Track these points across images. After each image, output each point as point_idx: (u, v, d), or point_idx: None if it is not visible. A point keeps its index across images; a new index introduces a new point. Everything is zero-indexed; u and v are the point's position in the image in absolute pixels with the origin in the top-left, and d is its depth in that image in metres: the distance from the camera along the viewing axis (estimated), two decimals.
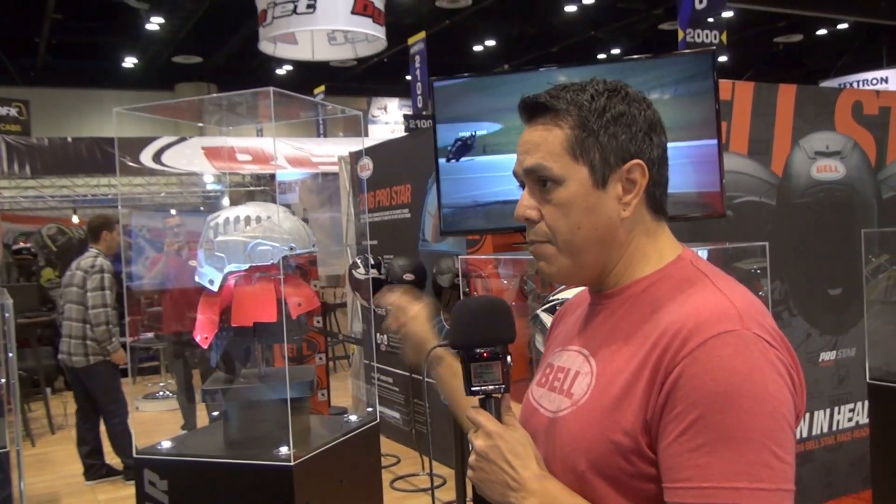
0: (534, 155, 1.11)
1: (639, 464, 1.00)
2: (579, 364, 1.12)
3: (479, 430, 1.08)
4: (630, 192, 1.09)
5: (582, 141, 1.08)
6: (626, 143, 1.08)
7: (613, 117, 1.08)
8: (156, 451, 2.84)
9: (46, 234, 9.49)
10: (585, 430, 1.05)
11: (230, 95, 3.02)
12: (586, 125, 1.08)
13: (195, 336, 2.58)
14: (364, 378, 6.72)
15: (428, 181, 5.48)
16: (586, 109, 1.08)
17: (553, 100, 1.10)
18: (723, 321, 0.97)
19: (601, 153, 1.08)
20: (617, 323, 1.09)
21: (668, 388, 0.96)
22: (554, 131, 1.10)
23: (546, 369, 1.21)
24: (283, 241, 2.57)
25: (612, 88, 1.11)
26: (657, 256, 1.11)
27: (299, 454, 2.62)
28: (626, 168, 1.08)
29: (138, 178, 9.43)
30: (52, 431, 7.05)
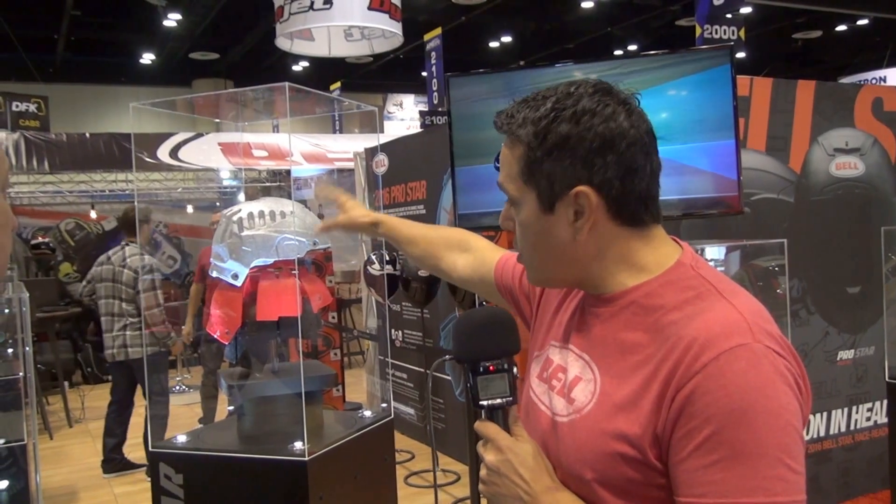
0: (501, 172, 1.11)
1: (647, 473, 0.99)
2: (580, 369, 1.10)
3: (489, 443, 1.08)
4: (581, 216, 1.05)
5: (529, 166, 1.06)
6: (569, 169, 1.04)
7: (555, 143, 1.04)
8: (171, 446, 2.86)
9: (64, 229, 9.58)
10: (590, 441, 1.04)
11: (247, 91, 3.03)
12: (532, 150, 1.05)
13: (213, 331, 2.58)
14: (379, 374, 6.72)
15: (443, 177, 5.48)
16: (531, 133, 1.05)
17: (509, 120, 1.09)
18: (734, 335, 0.96)
19: (547, 180, 1.05)
20: (618, 331, 1.07)
21: (681, 402, 0.95)
22: (512, 153, 1.09)
23: (545, 363, 1.19)
24: (307, 236, 2.58)
25: (562, 106, 1.04)
26: (655, 263, 1.08)
27: (314, 449, 2.62)
28: (573, 194, 1.04)
29: (155, 174, 9.47)
30: (70, 425, 7.11)
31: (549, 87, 1.09)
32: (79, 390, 8.04)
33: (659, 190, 1.09)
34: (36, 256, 9.26)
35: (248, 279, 2.61)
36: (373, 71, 15.84)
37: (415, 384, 6.17)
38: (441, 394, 5.82)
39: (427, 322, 5.70)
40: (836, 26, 14.69)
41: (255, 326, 2.57)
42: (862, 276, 4.32)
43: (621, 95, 1.07)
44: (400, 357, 6.25)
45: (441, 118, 9.98)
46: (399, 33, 7.90)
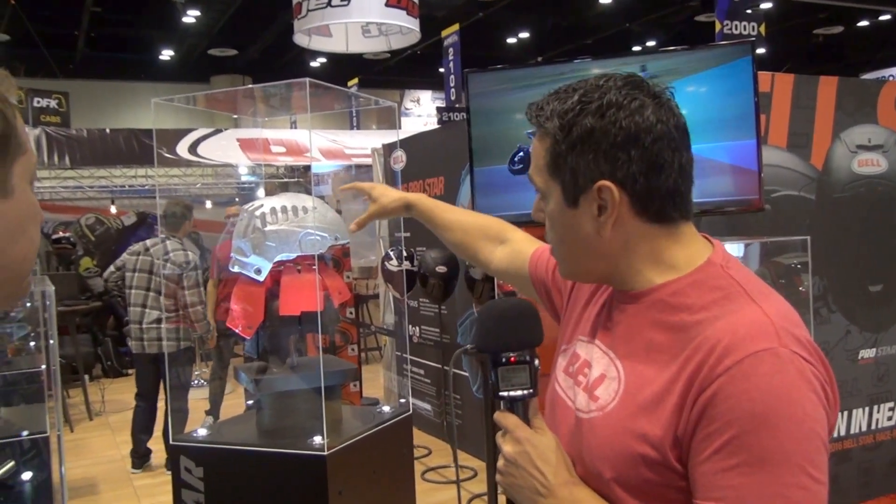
0: (531, 164, 1.11)
1: (667, 475, 0.98)
2: (605, 366, 1.10)
3: (508, 434, 1.08)
4: (604, 212, 1.04)
5: (555, 159, 1.06)
6: (592, 163, 1.03)
7: (580, 136, 1.03)
8: (192, 439, 2.88)
9: (85, 224, 9.67)
10: (611, 440, 1.03)
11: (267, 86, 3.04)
12: (557, 143, 1.05)
13: (234, 326, 2.59)
14: (396, 369, 6.74)
15: (461, 173, 5.48)
16: (557, 126, 1.05)
17: (538, 113, 1.08)
18: (760, 338, 0.94)
19: (571, 174, 1.05)
20: (645, 329, 1.06)
21: (703, 405, 0.94)
22: (541, 144, 1.09)
23: (572, 357, 1.19)
24: (329, 231, 2.59)
25: (588, 99, 1.04)
26: (684, 261, 1.06)
27: (333, 444, 2.63)
28: (596, 189, 1.03)
29: (174, 169, 9.54)
30: (90, 418, 7.17)
31: (581, 79, 1.08)
32: (99, 384, 8.11)
33: (691, 186, 1.07)
34: (57, 251, 9.35)
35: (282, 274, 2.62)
36: (390, 67, 15.86)
37: (432, 380, 6.18)
38: (458, 390, 5.83)
39: (444, 318, 5.71)
40: (858, 21, 14.55)
41: (277, 321, 2.59)
42: (884, 274, 4.28)
43: (652, 89, 1.06)
44: (417, 353, 6.26)
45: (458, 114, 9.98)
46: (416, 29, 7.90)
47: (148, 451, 5.63)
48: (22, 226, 0.78)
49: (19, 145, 0.77)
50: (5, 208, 0.76)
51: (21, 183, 0.78)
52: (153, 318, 5.32)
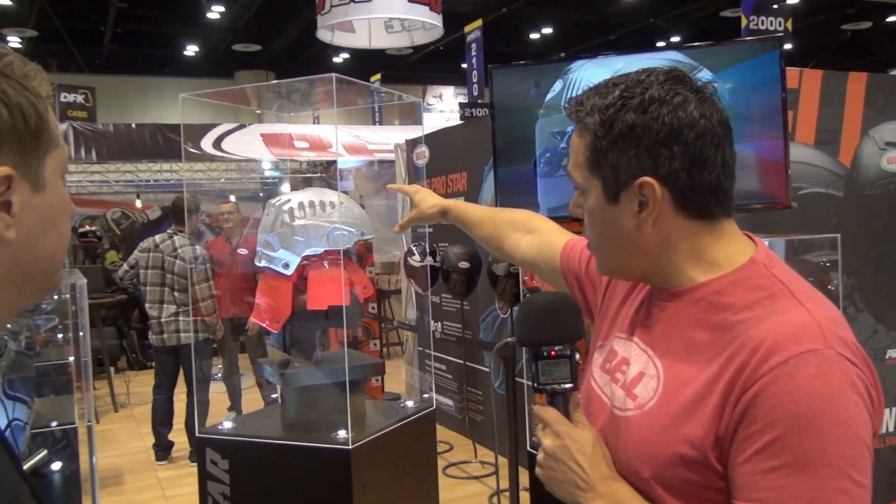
0: (570, 159, 1.11)
1: (707, 475, 0.97)
2: (643, 363, 1.09)
3: (548, 428, 1.08)
4: (645, 208, 1.03)
5: (595, 155, 1.05)
6: (634, 159, 1.02)
7: (621, 132, 1.02)
8: (217, 432, 2.90)
9: (111, 218, 9.76)
10: (651, 439, 1.03)
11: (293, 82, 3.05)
12: (598, 139, 1.04)
13: (261, 320, 2.60)
14: (417, 365, 6.75)
15: (484, 169, 5.47)
16: (598, 121, 1.04)
17: (578, 108, 1.08)
18: (805, 339, 0.93)
19: (611, 170, 1.04)
20: (685, 328, 1.05)
21: (745, 404, 0.93)
22: (581, 139, 1.08)
23: (609, 353, 1.18)
24: (356, 226, 2.60)
25: (629, 94, 1.03)
26: (726, 259, 1.05)
27: (357, 438, 2.65)
28: (637, 185, 1.02)
29: (199, 164, 9.61)
30: (116, 409, 7.26)
31: (621, 74, 1.07)
32: (124, 376, 8.21)
33: (733, 182, 1.06)
34: (83, 244, 9.46)
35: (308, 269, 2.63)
36: (412, 63, 15.85)
37: (454, 375, 6.18)
38: (479, 386, 5.83)
39: (467, 314, 5.71)
40: (887, 17, 14.34)
41: (303, 316, 2.60)
42: None
43: (695, 84, 1.05)
44: (439, 349, 6.26)
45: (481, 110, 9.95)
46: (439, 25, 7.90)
47: (170, 443, 5.68)
48: (54, 219, 0.79)
49: (51, 139, 0.78)
50: (38, 201, 0.77)
51: (53, 177, 0.79)
52: (171, 311, 5.42)
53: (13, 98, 0.73)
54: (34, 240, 0.77)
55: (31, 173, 0.76)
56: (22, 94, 0.74)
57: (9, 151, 0.73)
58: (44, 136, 0.77)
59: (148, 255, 5.48)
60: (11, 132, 0.73)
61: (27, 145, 0.75)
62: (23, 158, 0.74)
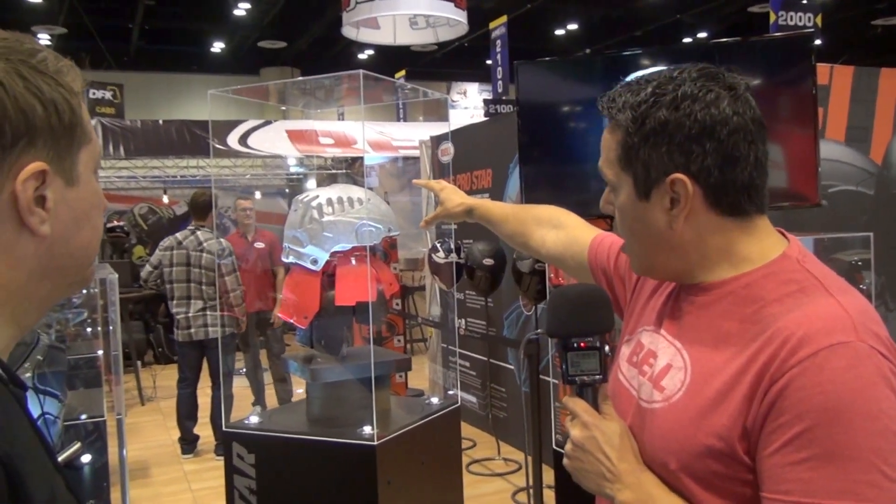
0: (602, 155, 1.10)
1: (734, 467, 0.97)
2: (671, 356, 1.09)
3: (576, 419, 1.08)
4: (677, 205, 1.03)
5: (627, 152, 1.05)
6: (665, 155, 1.02)
7: (653, 129, 1.02)
8: (244, 426, 2.92)
9: (138, 214, 9.86)
10: (677, 431, 1.02)
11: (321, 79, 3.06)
12: (630, 136, 1.04)
13: (288, 316, 2.62)
14: (441, 361, 6.76)
15: (509, 165, 5.46)
16: (630, 118, 1.03)
17: (610, 104, 1.07)
18: (836, 331, 0.92)
19: (643, 166, 1.04)
20: (714, 319, 1.05)
21: (773, 396, 0.93)
22: (613, 136, 1.08)
23: (636, 346, 1.18)
24: (384, 222, 2.61)
25: (662, 91, 1.02)
26: (758, 254, 1.05)
27: (382, 434, 2.66)
28: (669, 182, 1.02)
29: (225, 160, 9.69)
30: (142, 403, 7.34)
31: (654, 71, 1.08)
32: (150, 369, 8.29)
33: (766, 179, 1.05)
34: (111, 239, 9.56)
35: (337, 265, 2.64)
36: (437, 59, 15.86)
37: (477, 372, 6.18)
38: (503, 382, 5.82)
39: (491, 311, 5.71)
40: None
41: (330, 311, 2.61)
42: None
43: (728, 80, 1.04)
44: (463, 345, 6.27)
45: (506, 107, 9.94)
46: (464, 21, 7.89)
47: (195, 437, 5.73)
48: (87, 213, 0.80)
49: (84, 134, 0.79)
50: (71, 196, 0.78)
51: (86, 171, 0.80)
52: (198, 307, 5.45)
53: (47, 94, 0.74)
54: (68, 234, 0.78)
55: (64, 168, 0.76)
56: (56, 90, 0.75)
57: (43, 146, 0.74)
58: (77, 130, 0.78)
59: (171, 253, 5.50)
60: (46, 127, 0.74)
61: (61, 141, 0.76)
62: (57, 153, 0.75)
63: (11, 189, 0.72)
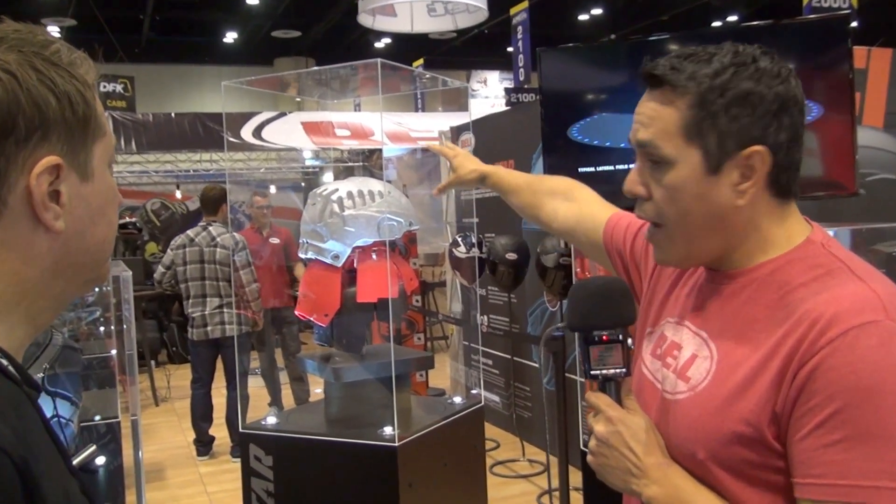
0: (647, 129, 1.07)
1: (765, 455, 0.97)
2: (696, 346, 1.09)
3: (600, 414, 1.08)
4: (748, 179, 1.03)
5: (698, 123, 1.03)
6: (747, 126, 1.02)
7: (736, 97, 1.01)
8: (261, 427, 2.94)
9: (150, 209, 9.95)
10: (704, 419, 1.03)
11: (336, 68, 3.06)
12: (705, 105, 1.02)
13: (308, 314, 2.62)
14: (463, 360, 6.76)
15: (532, 156, 5.44)
16: (707, 87, 1.02)
17: (672, 73, 1.05)
18: (865, 311, 0.93)
19: (718, 138, 1.03)
20: (740, 307, 1.06)
21: (803, 378, 0.93)
22: (669, 108, 1.05)
23: (659, 339, 1.19)
24: (405, 216, 2.61)
25: (741, 62, 1.02)
26: (785, 239, 1.06)
27: (403, 435, 2.66)
28: (745, 155, 1.02)
29: (239, 154, 9.73)
30: (156, 403, 7.40)
31: (703, 46, 1.07)
32: (164, 369, 8.36)
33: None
34: (123, 236, 9.65)
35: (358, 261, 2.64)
36: (456, 47, 15.83)
37: (500, 371, 6.18)
38: (527, 381, 5.82)
39: (514, 307, 5.70)
40: None
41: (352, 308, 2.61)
42: None
43: (783, 62, 1.06)
44: (485, 343, 6.26)
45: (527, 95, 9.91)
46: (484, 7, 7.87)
47: (211, 438, 5.77)
48: (102, 209, 0.81)
49: (99, 127, 0.79)
50: (86, 191, 0.78)
51: (101, 166, 0.80)
52: (215, 305, 5.46)
53: (61, 86, 0.74)
54: (83, 230, 0.78)
55: (79, 162, 0.77)
56: (69, 82, 0.75)
57: (57, 140, 0.74)
58: (91, 124, 0.78)
59: (184, 251, 5.51)
60: (60, 121, 0.74)
61: (75, 134, 0.76)
62: (71, 147, 0.76)
63: (25, 184, 0.73)
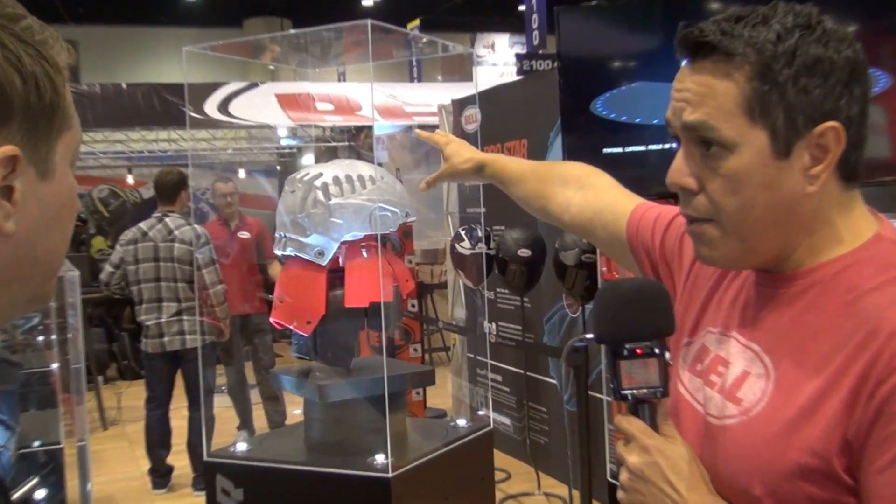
0: (697, 109, 1.05)
1: (833, 490, 0.97)
2: (748, 362, 1.09)
3: (633, 442, 1.08)
4: (819, 162, 1.03)
5: (762, 97, 1.02)
6: (819, 99, 1.01)
7: (806, 65, 1.00)
8: (229, 455, 2.93)
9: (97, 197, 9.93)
10: (761, 449, 1.03)
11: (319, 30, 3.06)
12: (770, 76, 1.01)
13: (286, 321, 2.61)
14: (467, 375, 6.77)
15: (550, 134, 5.45)
16: (770, 54, 1.01)
17: (726, 38, 1.03)
18: None
19: (787, 114, 1.02)
20: (800, 315, 1.05)
21: (881, 400, 0.93)
22: (725, 81, 1.04)
23: (699, 352, 1.19)
24: (401, 206, 2.60)
25: (805, 24, 1.02)
26: (850, 234, 1.06)
27: (399, 464, 2.66)
28: (818, 133, 1.01)
29: (202, 132, 9.73)
30: (104, 427, 7.40)
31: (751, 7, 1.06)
32: (114, 386, 8.37)
33: None
34: None
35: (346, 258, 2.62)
36: (458, 6, 15.83)
37: (512, 388, 6.18)
38: (544, 401, 5.83)
39: (528, 313, 5.70)
40: None
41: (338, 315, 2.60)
42: None
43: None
44: (494, 355, 6.26)
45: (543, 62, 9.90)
46: None
47: (169, 468, 5.78)
48: (58, 214, 0.80)
49: (66, 119, 0.79)
50: (44, 191, 0.77)
51: (62, 164, 0.80)
52: (172, 311, 5.44)
53: (28, 66, 0.73)
54: (35, 235, 0.78)
55: (39, 157, 0.76)
56: (38, 63, 0.75)
57: (18, 129, 0.73)
58: (58, 114, 0.78)
59: (135, 248, 5.47)
60: (23, 106, 0.73)
61: (38, 123, 0.75)
62: (32, 138, 0.75)
63: None
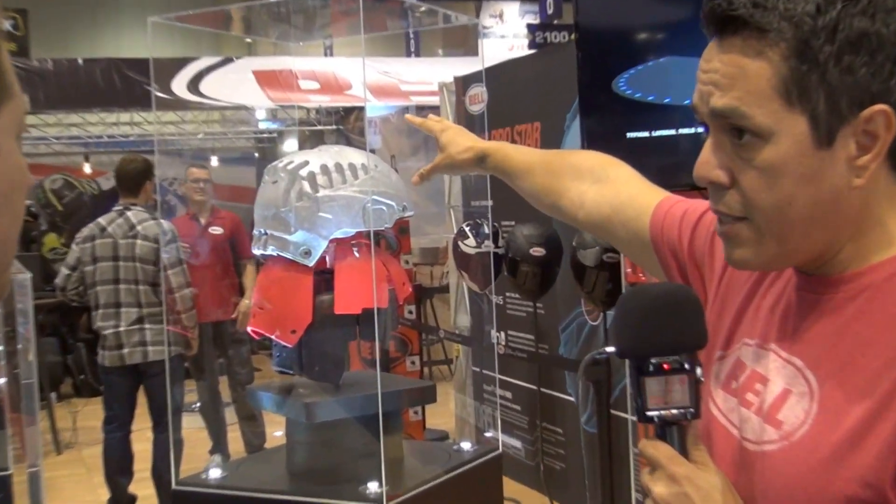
0: (726, 93, 1.05)
1: None
2: (789, 378, 1.09)
3: (659, 470, 1.07)
4: (867, 151, 1.02)
5: (801, 78, 1.01)
6: (865, 80, 1.00)
7: (850, 41, 0.99)
8: (201, 482, 2.94)
9: (50, 189, 9.93)
10: (805, 478, 1.03)
11: None
12: (808, 54, 1.00)
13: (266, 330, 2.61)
14: (472, 392, 6.77)
15: (566, 117, 5.44)
16: (808, 29, 0.99)
17: (758, 11, 1.01)
18: None
19: (829, 97, 1.01)
20: (848, 325, 1.05)
21: None
22: (758, 61, 1.03)
23: (735, 368, 1.19)
24: (397, 199, 2.60)
25: None
26: None
27: (394, 493, 2.66)
28: (865, 118, 1.01)
29: (169, 114, 9.73)
30: (58, 451, 7.40)
31: None
32: (69, 404, 8.37)
33: None
34: None
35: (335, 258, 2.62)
36: None
37: (523, 407, 6.18)
38: (559, 421, 5.83)
39: (541, 320, 5.70)
40: None
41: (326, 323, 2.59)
42: None
43: None
44: (503, 369, 6.26)
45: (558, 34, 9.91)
46: None
47: (132, 497, 5.78)
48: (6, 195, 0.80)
49: (5, 87, 0.80)
50: None
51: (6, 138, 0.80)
52: (133, 318, 5.41)
53: None
54: None
55: None
56: None
57: None
58: None
59: (92, 245, 5.46)
60: None
61: None
62: None
63: None
